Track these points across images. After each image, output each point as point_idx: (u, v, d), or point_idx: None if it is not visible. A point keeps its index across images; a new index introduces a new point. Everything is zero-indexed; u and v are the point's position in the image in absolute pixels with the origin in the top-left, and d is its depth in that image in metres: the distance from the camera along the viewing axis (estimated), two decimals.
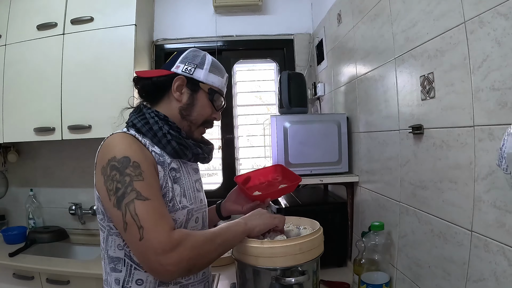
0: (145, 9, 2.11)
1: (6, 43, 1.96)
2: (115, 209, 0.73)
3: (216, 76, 0.95)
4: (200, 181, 1.00)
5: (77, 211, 2.14)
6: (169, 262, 0.69)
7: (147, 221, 0.71)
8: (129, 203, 0.72)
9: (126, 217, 0.71)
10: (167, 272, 0.70)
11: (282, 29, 2.27)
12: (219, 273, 1.46)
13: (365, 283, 1.14)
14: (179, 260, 0.70)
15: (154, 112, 0.89)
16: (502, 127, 0.68)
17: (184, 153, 0.90)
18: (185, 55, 0.94)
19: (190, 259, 0.72)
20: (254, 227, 0.87)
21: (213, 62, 0.95)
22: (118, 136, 0.82)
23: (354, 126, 1.54)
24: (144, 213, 0.71)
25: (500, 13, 0.68)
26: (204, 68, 0.93)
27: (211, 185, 2.27)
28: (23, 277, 1.70)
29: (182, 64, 0.92)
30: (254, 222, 0.88)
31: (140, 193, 0.73)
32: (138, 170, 0.75)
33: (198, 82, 0.92)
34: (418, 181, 1.02)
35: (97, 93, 1.84)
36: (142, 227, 0.70)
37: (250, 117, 2.35)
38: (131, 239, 0.72)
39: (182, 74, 0.91)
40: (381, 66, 1.24)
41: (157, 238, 0.70)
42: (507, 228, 0.68)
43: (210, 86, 0.94)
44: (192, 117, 0.93)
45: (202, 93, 0.93)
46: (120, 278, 0.82)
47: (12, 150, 2.24)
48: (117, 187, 0.73)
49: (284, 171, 1.19)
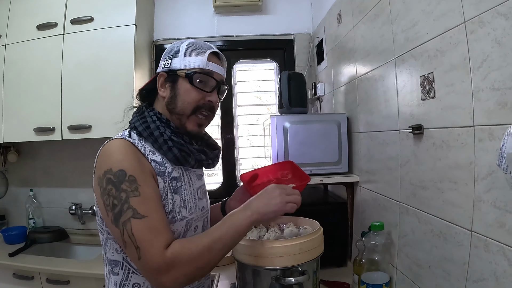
0: (145, 9, 2.11)
1: (6, 43, 1.96)
2: (113, 226, 0.73)
3: (193, 56, 0.86)
4: (203, 188, 0.97)
5: (77, 211, 2.14)
6: (166, 281, 0.70)
7: (142, 241, 0.71)
8: (126, 222, 0.72)
9: (124, 236, 0.72)
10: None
11: (282, 29, 2.27)
12: (219, 273, 1.46)
13: (365, 283, 1.14)
14: (176, 277, 0.71)
15: (156, 115, 0.86)
16: (502, 127, 0.68)
17: (186, 160, 0.86)
18: (164, 52, 0.92)
19: (187, 274, 0.72)
20: (262, 216, 0.78)
21: (189, 44, 0.88)
22: (116, 144, 0.79)
23: (354, 126, 1.54)
24: (140, 233, 0.71)
25: (500, 13, 0.68)
26: (179, 55, 0.87)
27: (211, 185, 2.27)
28: (23, 277, 1.70)
29: (162, 61, 0.91)
30: (261, 210, 0.78)
31: (136, 210, 0.72)
32: (134, 185, 0.74)
33: (175, 71, 0.87)
34: (418, 181, 1.02)
35: (97, 93, 1.84)
36: (139, 248, 0.71)
37: (250, 117, 2.34)
38: (131, 257, 0.73)
39: (162, 70, 0.89)
40: (381, 66, 1.24)
41: (152, 258, 0.70)
42: (507, 228, 0.68)
43: (187, 69, 0.86)
44: (178, 108, 0.87)
45: (182, 80, 0.86)
46: (117, 281, 0.82)
47: (12, 150, 2.24)
48: (113, 204, 0.73)
49: (294, 168, 1.12)
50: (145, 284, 0.82)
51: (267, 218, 0.80)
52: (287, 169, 1.13)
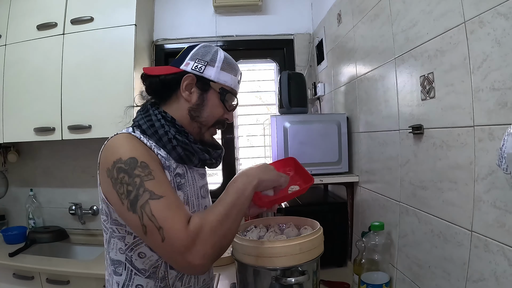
0: (145, 9, 2.11)
1: (6, 43, 1.96)
2: (130, 213, 0.70)
3: (229, 74, 0.89)
4: (205, 187, 0.96)
5: (77, 211, 2.14)
6: (196, 257, 0.67)
7: (165, 220, 0.68)
8: (144, 205, 0.69)
9: (143, 219, 0.69)
10: (198, 267, 0.68)
11: (282, 29, 2.27)
12: (219, 273, 1.46)
13: (365, 283, 1.14)
14: (204, 251, 0.68)
15: (161, 114, 0.84)
16: (502, 127, 0.68)
17: (190, 159, 0.85)
18: (195, 51, 0.88)
19: (214, 245, 0.70)
20: (262, 182, 0.79)
21: (225, 58, 0.90)
22: (122, 137, 0.78)
23: (354, 126, 1.54)
24: (160, 213, 0.69)
25: (500, 13, 0.68)
26: (215, 65, 0.87)
27: (211, 185, 2.27)
28: (23, 277, 1.70)
29: (192, 61, 0.86)
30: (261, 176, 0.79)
31: (153, 192, 0.70)
32: (147, 170, 0.72)
33: (209, 81, 0.86)
34: (418, 181, 1.02)
35: (97, 93, 1.84)
36: (162, 228, 0.68)
37: (250, 117, 2.34)
38: (154, 242, 0.69)
39: (192, 72, 0.86)
40: (381, 66, 1.24)
41: (177, 236, 0.67)
42: (507, 228, 0.68)
43: (222, 85, 0.88)
44: (202, 118, 0.88)
45: (213, 92, 0.87)
46: (120, 282, 0.81)
47: (12, 150, 2.24)
48: (128, 190, 0.71)
49: (297, 166, 1.09)
50: (148, 285, 0.81)
51: (266, 185, 0.81)
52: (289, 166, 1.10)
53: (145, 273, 0.80)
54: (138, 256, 0.80)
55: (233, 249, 0.94)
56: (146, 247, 0.79)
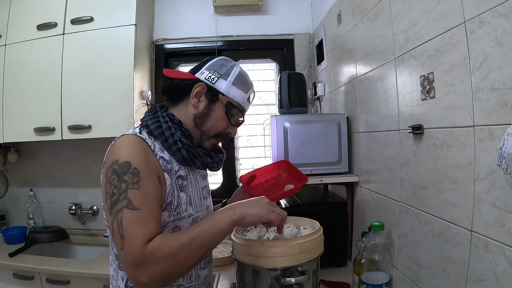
0: (145, 9, 2.11)
1: (6, 43, 1.96)
2: (108, 213, 0.74)
3: (239, 90, 0.91)
4: (207, 188, 0.99)
5: (77, 211, 2.14)
6: (142, 275, 0.69)
7: (128, 231, 0.70)
8: (119, 211, 0.72)
9: (113, 224, 0.72)
10: (142, 285, 0.70)
11: (282, 29, 2.27)
12: (219, 273, 1.46)
13: (365, 283, 1.14)
14: (152, 273, 0.69)
15: (169, 116, 0.87)
16: (502, 127, 0.68)
17: (193, 161, 0.88)
18: (212, 62, 0.92)
19: (164, 270, 0.70)
20: (244, 217, 0.78)
21: (239, 75, 0.92)
22: (127, 139, 0.81)
23: (354, 126, 1.54)
24: (128, 223, 0.71)
25: (500, 13, 0.68)
26: (228, 79, 0.90)
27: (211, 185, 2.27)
28: (23, 277, 1.70)
29: (207, 71, 0.90)
30: (245, 211, 0.78)
31: (131, 201, 0.72)
32: (136, 178, 0.74)
33: (218, 92, 0.89)
34: (418, 181, 1.02)
35: (97, 93, 1.84)
36: (123, 238, 0.70)
37: (250, 117, 2.34)
38: (116, 246, 0.73)
39: (204, 81, 0.89)
40: (381, 66, 1.24)
41: (132, 250, 0.69)
42: (507, 228, 0.68)
43: (230, 99, 0.90)
44: (204, 127, 0.90)
45: (220, 105, 0.90)
46: (124, 276, 0.83)
47: (12, 150, 2.24)
48: (113, 192, 0.74)
49: (290, 168, 1.14)
50: None
51: (250, 220, 0.79)
52: (282, 168, 1.16)
53: None
54: None
55: (233, 249, 0.94)
56: None
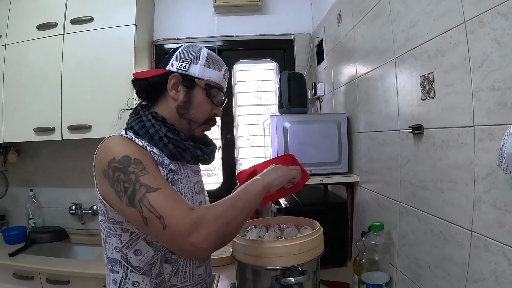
0: (145, 9, 2.11)
1: (6, 43, 1.96)
2: (130, 208, 0.73)
3: (213, 70, 0.91)
4: (200, 183, 0.98)
5: (77, 211, 2.14)
6: (199, 239, 0.68)
7: (164, 209, 0.70)
8: (142, 198, 0.71)
9: (143, 212, 0.71)
10: (201, 250, 0.69)
11: (282, 29, 2.27)
12: (219, 273, 1.46)
13: (365, 283, 1.14)
14: (207, 234, 0.69)
15: (152, 114, 0.88)
16: (502, 127, 0.68)
17: (182, 155, 0.88)
18: (179, 51, 0.91)
19: (218, 230, 0.71)
20: (273, 181, 0.85)
21: (208, 55, 0.92)
22: (115, 138, 0.81)
23: (354, 126, 1.54)
24: (159, 203, 0.71)
25: (500, 13, 0.68)
26: (199, 63, 0.90)
27: (211, 185, 2.28)
28: (23, 277, 1.70)
29: (176, 61, 0.90)
30: (272, 176, 0.85)
31: (149, 186, 0.72)
32: (141, 166, 0.75)
33: (194, 78, 0.89)
34: (418, 181, 1.02)
35: (97, 93, 1.84)
36: (162, 216, 0.70)
37: (250, 117, 2.35)
38: (155, 231, 0.71)
39: (177, 71, 0.89)
40: (381, 66, 1.24)
41: (179, 221, 0.69)
42: (507, 228, 0.68)
43: (207, 81, 0.90)
44: (190, 115, 0.91)
45: (199, 89, 0.90)
46: (117, 279, 0.83)
47: (12, 150, 2.24)
48: (125, 187, 0.73)
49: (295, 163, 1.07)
50: (144, 281, 0.82)
51: (278, 182, 0.86)
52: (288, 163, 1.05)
53: (140, 270, 0.82)
54: (133, 254, 0.81)
55: (233, 249, 0.94)
56: (144, 242, 0.81)
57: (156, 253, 0.82)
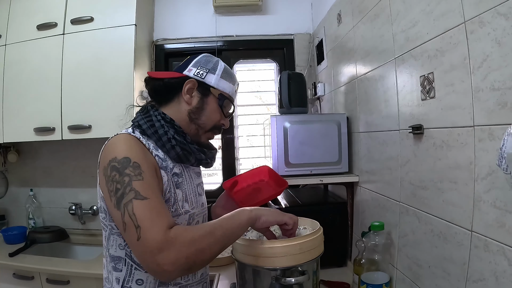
0: (145, 9, 2.11)
1: (6, 43, 1.96)
2: (115, 210, 0.73)
3: (227, 82, 0.96)
4: (201, 185, 1.00)
5: (77, 211, 2.14)
6: (166, 261, 0.66)
7: (144, 220, 0.69)
8: (128, 203, 0.71)
9: (124, 217, 0.71)
10: (165, 272, 0.67)
11: (282, 29, 2.27)
12: (219, 273, 1.46)
13: (365, 283, 1.14)
14: (176, 258, 0.67)
15: (161, 115, 0.89)
16: (502, 127, 0.68)
17: (187, 158, 0.90)
18: (198, 59, 0.95)
19: (188, 256, 0.68)
20: (260, 216, 0.82)
21: (225, 68, 0.97)
22: (122, 137, 0.81)
23: (354, 126, 1.54)
24: (141, 213, 0.70)
25: (500, 13, 0.68)
26: (216, 73, 0.94)
27: (211, 185, 2.27)
28: (23, 277, 1.70)
29: (194, 67, 0.93)
30: (262, 212, 0.83)
31: (139, 192, 0.72)
32: (137, 170, 0.75)
33: (209, 86, 0.93)
34: (418, 181, 1.02)
35: (97, 93, 1.84)
36: (139, 227, 0.69)
37: (250, 117, 2.34)
38: (130, 239, 0.70)
39: (194, 77, 0.92)
40: (381, 66, 1.24)
41: (153, 237, 0.67)
42: (507, 228, 0.68)
43: (221, 91, 0.94)
44: (200, 120, 0.93)
45: (212, 98, 0.94)
46: (120, 278, 0.83)
47: (12, 150, 2.24)
48: (116, 188, 0.73)
49: (271, 173, 1.19)
50: (148, 279, 0.83)
51: (265, 219, 0.83)
52: (263, 174, 1.20)
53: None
54: None
55: (233, 249, 0.94)
56: None
57: None
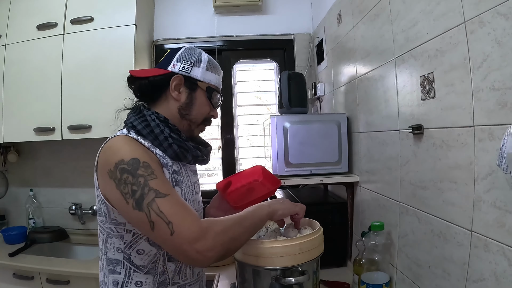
0: (145, 9, 2.11)
1: (6, 43, 1.96)
2: (136, 211, 0.72)
3: (213, 73, 0.95)
4: (197, 183, 1.00)
5: (77, 211, 2.14)
6: (205, 248, 0.70)
7: (173, 215, 0.71)
8: (151, 203, 0.72)
9: (151, 216, 0.71)
10: (206, 258, 0.71)
11: (282, 29, 2.27)
12: (219, 273, 1.46)
13: (365, 283, 1.14)
14: (214, 245, 0.71)
15: (154, 114, 0.88)
16: (502, 127, 0.68)
17: (185, 156, 0.89)
18: (180, 53, 0.92)
19: (223, 243, 0.73)
20: (277, 210, 0.86)
21: (209, 60, 0.95)
22: (121, 139, 0.81)
23: (354, 126, 1.54)
24: (168, 209, 0.72)
25: (500, 13, 0.68)
26: (201, 66, 0.92)
27: (211, 185, 2.27)
28: (23, 277, 1.70)
29: (178, 62, 0.91)
30: (277, 206, 0.87)
31: (158, 191, 0.73)
32: (149, 169, 0.75)
33: (196, 80, 0.92)
34: (418, 181, 1.02)
35: (97, 93, 1.84)
36: (171, 222, 0.71)
37: (250, 117, 2.34)
38: (161, 236, 0.71)
39: (179, 73, 0.90)
40: (381, 66, 1.24)
41: (188, 228, 0.70)
42: (507, 228, 0.68)
43: (208, 84, 0.94)
44: (191, 116, 0.93)
45: (200, 91, 0.93)
46: (118, 280, 0.82)
47: (12, 150, 2.24)
48: (133, 190, 0.73)
49: (265, 172, 1.20)
50: (147, 281, 0.83)
51: (282, 213, 0.88)
52: (257, 173, 1.20)
53: (143, 269, 0.82)
54: (136, 253, 0.81)
55: None
56: (146, 242, 0.81)
57: (159, 250, 0.83)
